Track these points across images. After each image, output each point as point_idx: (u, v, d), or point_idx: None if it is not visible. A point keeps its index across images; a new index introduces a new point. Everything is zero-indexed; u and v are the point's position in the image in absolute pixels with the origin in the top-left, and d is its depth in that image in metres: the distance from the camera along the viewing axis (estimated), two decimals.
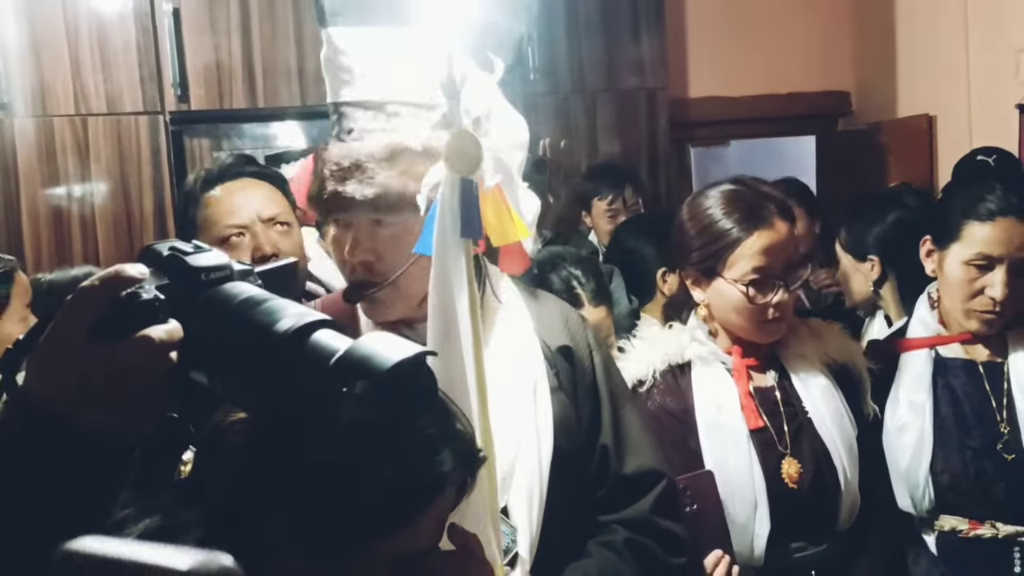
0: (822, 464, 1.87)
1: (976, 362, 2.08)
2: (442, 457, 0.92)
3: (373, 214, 1.43)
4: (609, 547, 1.51)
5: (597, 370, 1.59)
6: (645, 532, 1.54)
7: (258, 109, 4.02)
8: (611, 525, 1.53)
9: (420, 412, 0.83)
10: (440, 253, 1.31)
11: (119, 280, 0.79)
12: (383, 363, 0.75)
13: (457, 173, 1.30)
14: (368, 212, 1.43)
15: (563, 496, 1.45)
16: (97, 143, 3.93)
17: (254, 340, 0.78)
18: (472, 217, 1.30)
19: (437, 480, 0.93)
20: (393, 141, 1.41)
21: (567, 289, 1.98)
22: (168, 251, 0.84)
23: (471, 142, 1.31)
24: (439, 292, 1.32)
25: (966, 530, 2.00)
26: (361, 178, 1.41)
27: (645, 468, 1.58)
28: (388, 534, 0.91)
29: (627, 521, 1.54)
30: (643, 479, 1.57)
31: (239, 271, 0.85)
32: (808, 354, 1.96)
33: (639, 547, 1.52)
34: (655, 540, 1.54)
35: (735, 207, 1.88)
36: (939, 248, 2.10)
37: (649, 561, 1.52)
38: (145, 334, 0.78)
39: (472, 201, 1.30)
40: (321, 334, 0.78)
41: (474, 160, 1.31)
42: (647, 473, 1.58)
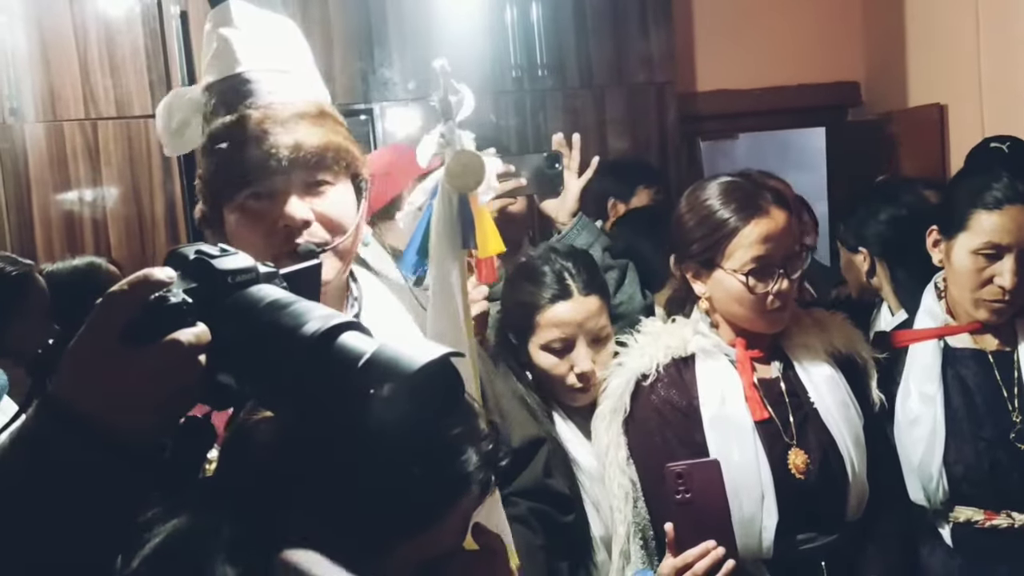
0: (829, 454, 1.86)
1: (986, 352, 2.07)
2: (467, 457, 0.93)
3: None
4: (517, 520, 1.58)
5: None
6: (540, 497, 1.65)
7: None
8: (511, 497, 1.60)
9: (447, 413, 0.83)
10: (440, 264, 1.37)
11: (148, 284, 0.80)
12: (411, 365, 0.75)
13: (460, 190, 1.36)
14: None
15: None
16: (107, 147, 3.96)
17: (281, 343, 0.78)
18: (471, 230, 1.38)
19: (462, 480, 0.93)
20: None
21: (559, 281, 2.00)
22: (195, 254, 0.84)
23: (476, 161, 1.35)
24: (444, 303, 1.36)
25: (982, 520, 2.00)
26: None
27: (530, 437, 1.67)
28: (414, 534, 0.91)
29: (524, 491, 1.63)
30: (529, 447, 1.66)
31: (265, 273, 0.86)
32: (812, 344, 1.96)
33: (541, 513, 1.63)
34: (549, 503, 1.66)
35: (732, 197, 1.88)
36: (946, 238, 2.09)
37: (551, 524, 1.65)
38: (174, 337, 0.78)
39: (470, 215, 1.38)
40: (348, 336, 0.79)
41: (478, 178, 1.36)
42: (532, 441, 1.67)
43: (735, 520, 1.81)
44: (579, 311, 1.99)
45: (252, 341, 0.80)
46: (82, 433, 0.77)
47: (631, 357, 1.94)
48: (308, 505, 0.89)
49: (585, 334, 2.00)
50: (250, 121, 1.37)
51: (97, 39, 3.93)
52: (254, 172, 1.36)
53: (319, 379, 0.77)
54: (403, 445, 0.86)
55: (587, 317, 1.99)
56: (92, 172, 3.96)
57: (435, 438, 0.91)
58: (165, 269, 0.82)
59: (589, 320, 2.00)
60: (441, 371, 0.78)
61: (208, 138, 1.39)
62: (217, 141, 1.37)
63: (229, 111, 1.38)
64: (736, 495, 1.81)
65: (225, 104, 1.40)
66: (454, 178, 1.35)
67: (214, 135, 1.38)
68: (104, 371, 0.78)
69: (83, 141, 3.94)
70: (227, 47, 1.44)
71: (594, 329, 2.01)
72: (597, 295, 2.03)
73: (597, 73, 4.39)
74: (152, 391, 0.78)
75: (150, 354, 0.78)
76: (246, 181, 1.36)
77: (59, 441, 0.78)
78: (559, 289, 2.00)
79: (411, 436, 0.81)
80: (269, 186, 1.37)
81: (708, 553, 1.74)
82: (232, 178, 1.37)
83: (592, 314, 2.00)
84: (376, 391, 0.75)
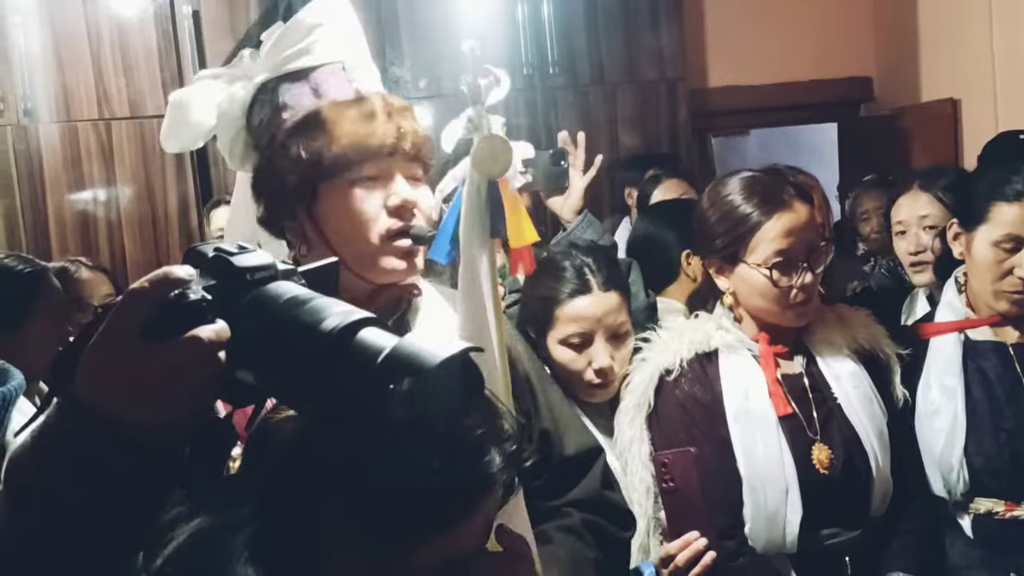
0: (853, 450, 1.86)
1: (1006, 344, 2.06)
2: (491, 457, 0.92)
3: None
4: (569, 531, 1.52)
5: (523, 359, 1.60)
6: (596, 509, 1.56)
7: None
8: (563, 508, 1.54)
9: (467, 408, 0.82)
10: (468, 253, 1.33)
11: (168, 282, 0.80)
12: (430, 360, 0.74)
13: (487, 176, 1.33)
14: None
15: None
16: (121, 146, 3.97)
17: (300, 339, 0.78)
18: (500, 218, 1.34)
19: (486, 480, 0.92)
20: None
21: (579, 276, 2.00)
22: (213, 252, 0.85)
23: (503, 146, 1.33)
24: (471, 293, 1.34)
25: (1002, 512, 1.99)
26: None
27: (585, 446, 1.60)
28: (437, 534, 0.90)
29: (579, 501, 1.55)
30: (585, 457, 1.59)
31: (283, 271, 0.86)
32: (836, 340, 1.96)
33: (595, 526, 1.54)
34: (606, 516, 1.57)
35: (754, 191, 1.88)
36: (966, 230, 2.08)
37: (606, 538, 1.55)
38: (194, 334, 0.78)
39: (499, 201, 1.34)
40: (367, 332, 0.78)
41: (506, 163, 1.33)
42: (588, 451, 1.60)
43: (760, 515, 1.82)
44: (598, 306, 1.99)
45: (271, 337, 0.80)
46: (102, 430, 0.77)
47: (655, 352, 1.95)
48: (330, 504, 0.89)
49: (604, 330, 1.99)
50: (373, 103, 1.41)
51: (110, 39, 3.94)
52: (373, 152, 1.39)
53: (338, 375, 0.77)
54: (425, 443, 0.86)
55: (606, 312, 1.99)
56: (106, 172, 3.98)
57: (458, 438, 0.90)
58: (185, 267, 0.82)
59: (608, 316, 1.99)
60: (461, 366, 0.78)
61: (310, 115, 1.41)
62: (328, 118, 1.40)
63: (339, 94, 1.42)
64: (760, 489, 1.82)
65: (324, 87, 1.43)
66: (480, 163, 1.32)
67: (324, 113, 1.41)
68: (124, 368, 0.78)
69: (97, 141, 3.96)
70: (329, 37, 1.47)
71: (613, 325, 2.00)
72: (617, 291, 2.02)
73: (608, 70, 4.39)
74: (172, 387, 0.79)
75: (170, 350, 0.78)
76: (363, 160, 1.39)
77: (79, 438, 0.78)
78: (579, 284, 1.99)
79: (432, 432, 0.81)
80: (384, 168, 1.41)
81: (689, 545, 1.78)
82: (347, 155, 1.39)
83: (611, 310, 2.00)
84: (396, 387, 0.75)
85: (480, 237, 1.33)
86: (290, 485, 0.91)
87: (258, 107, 1.49)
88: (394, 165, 1.41)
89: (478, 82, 1.34)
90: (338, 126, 1.39)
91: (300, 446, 0.91)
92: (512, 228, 1.36)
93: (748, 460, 1.83)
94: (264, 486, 0.92)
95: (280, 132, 1.43)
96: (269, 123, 1.45)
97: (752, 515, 1.83)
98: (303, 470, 0.90)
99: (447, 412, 0.78)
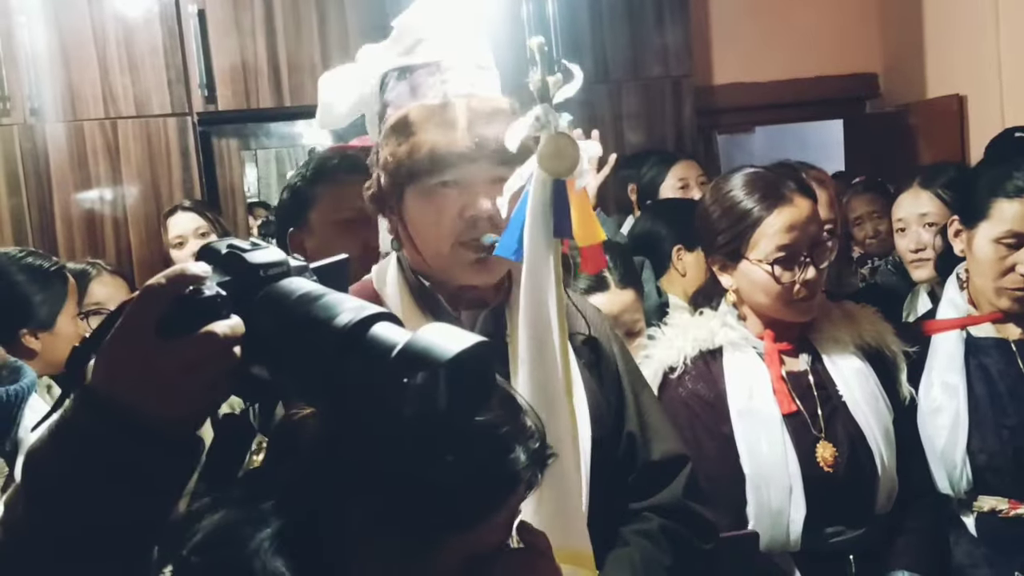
0: (857, 448, 1.86)
1: (1008, 340, 2.06)
2: (515, 455, 0.93)
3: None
4: (646, 535, 1.50)
5: (618, 359, 1.59)
6: (678, 517, 1.54)
7: (284, 108, 4.05)
8: (643, 513, 1.53)
9: (481, 402, 0.83)
10: (532, 252, 1.33)
11: (183, 278, 0.81)
12: (444, 354, 0.75)
13: (553, 175, 1.32)
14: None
15: (598, 486, 1.45)
16: (127, 146, 3.98)
17: (314, 335, 0.79)
18: (565, 217, 1.33)
19: (511, 478, 0.93)
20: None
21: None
22: (227, 248, 0.86)
23: (569, 144, 1.32)
24: (533, 292, 1.34)
25: (1006, 510, 1.99)
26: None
27: (672, 453, 1.57)
28: (461, 532, 0.91)
29: (660, 507, 1.54)
30: (670, 464, 1.57)
31: (296, 267, 0.87)
32: (841, 337, 1.96)
33: (674, 533, 1.52)
34: (687, 525, 1.54)
35: (755, 187, 1.88)
36: (967, 227, 2.08)
37: (683, 547, 1.52)
38: (209, 329, 0.80)
39: (564, 201, 1.33)
40: (380, 327, 0.79)
41: (572, 162, 1.32)
42: (674, 458, 1.58)
43: (764, 513, 1.81)
44: (615, 303, 1.99)
45: (285, 333, 0.81)
46: (120, 423, 0.79)
47: (659, 349, 1.94)
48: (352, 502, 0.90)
49: (619, 327, 1.98)
50: (455, 109, 1.41)
51: (116, 38, 3.94)
52: (452, 159, 1.40)
53: (352, 370, 0.77)
54: (446, 439, 0.86)
55: (623, 310, 1.99)
56: (112, 171, 3.98)
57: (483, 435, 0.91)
58: (200, 263, 0.84)
59: (624, 313, 1.99)
60: (475, 360, 0.78)
61: (400, 118, 1.43)
62: (412, 122, 1.41)
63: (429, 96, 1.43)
64: (764, 487, 1.81)
65: (421, 88, 1.45)
66: (546, 161, 1.31)
67: (410, 117, 1.42)
68: (141, 363, 0.79)
69: (103, 140, 3.96)
70: (428, 34, 1.47)
71: (628, 322, 2.00)
72: (633, 288, 2.02)
73: (613, 67, 4.38)
74: (187, 382, 0.80)
75: (186, 346, 0.79)
76: (442, 167, 1.40)
77: (97, 430, 0.79)
78: (595, 281, 2.00)
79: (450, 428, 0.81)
80: (463, 175, 1.41)
81: None
82: (426, 161, 1.40)
83: (627, 307, 2.00)
84: (410, 381, 0.75)
85: (545, 236, 1.32)
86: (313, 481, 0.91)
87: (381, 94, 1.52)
88: (475, 171, 1.42)
89: (546, 79, 1.32)
90: (420, 132, 1.41)
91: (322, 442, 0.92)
92: (579, 227, 1.35)
93: (752, 458, 1.83)
94: (287, 481, 0.93)
95: (381, 131, 1.47)
96: (380, 116, 1.50)
97: (756, 513, 1.83)
98: (328, 466, 0.91)
99: (462, 406, 0.78)
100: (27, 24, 3.87)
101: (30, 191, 3.91)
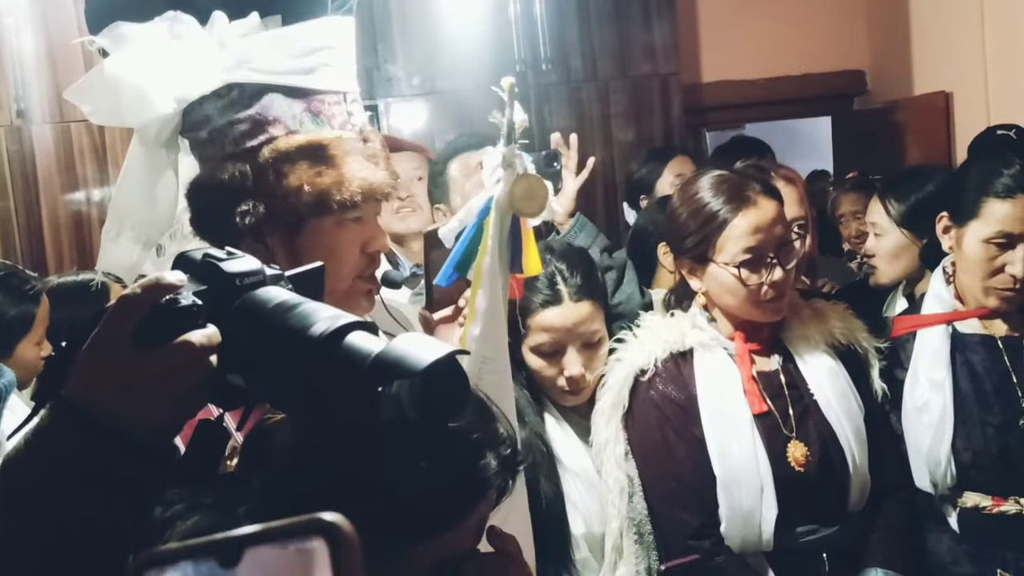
0: (829, 446, 1.87)
1: (995, 337, 2.06)
2: (487, 461, 0.93)
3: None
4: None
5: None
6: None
7: None
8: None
9: (455, 411, 0.83)
10: (491, 285, 1.38)
11: (159, 287, 0.81)
12: (417, 363, 0.75)
13: (524, 215, 1.36)
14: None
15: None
16: (114, 147, 3.97)
17: (289, 344, 0.79)
18: (519, 252, 1.41)
19: (482, 484, 0.94)
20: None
21: (550, 285, 1.92)
22: (202, 257, 0.86)
23: (539, 185, 1.35)
24: (492, 322, 1.38)
25: (990, 506, 1.99)
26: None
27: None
28: (431, 536, 0.92)
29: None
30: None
31: (271, 275, 0.87)
32: (812, 336, 1.96)
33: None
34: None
35: (720, 189, 1.88)
36: (956, 225, 2.08)
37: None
38: (186, 338, 0.80)
39: (520, 238, 1.39)
40: (355, 336, 0.79)
41: (542, 202, 1.35)
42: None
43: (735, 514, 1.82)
44: (569, 317, 1.92)
45: (261, 342, 0.81)
46: (96, 431, 0.79)
47: (630, 352, 1.93)
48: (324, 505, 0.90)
49: (575, 339, 1.93)
50: (376, 146, 1.41)
51: None
52: (376, 196, 1.39)
53: (327, 378, 0.78)
54: (418, 446, 0.87)
55: (577, 323, 1.92)
56: (99, 173, 3.98)
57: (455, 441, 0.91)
58: (176, 272, 0.84)
59: (580, 326, 1.92)
60: (448, 370, 0.78)
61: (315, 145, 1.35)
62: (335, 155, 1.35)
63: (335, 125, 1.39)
64: (735, 489, 1.82)
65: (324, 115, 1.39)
66: (519, 203, 1.33)
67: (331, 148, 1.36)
68: (118, 371, 0.79)
69: (90, 142, 3.96)
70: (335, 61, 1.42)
71: (585, 334, 1.94)
72: (590, 300, 1.94)
73: (601, 66, 4.38)
74: (164, 390, 0.80)
75: (162, 354, 0.79)
76: (368, 203, 1.38)
77: (73, 438, 0.79)
78: (550, 294, 1.92)
79: (423, 435, 0.82)
80: (370, 211, 1.41)
81: None
82: (356, 196, 1.35)
83: (582, 320, 1.92)
84: (384, 390, 0.76)
85: (503, 270, 1.39)
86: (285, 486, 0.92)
87: (220, 105, 1.38)
88: (377, 208, 1.44)
89: (513, 120, 1.35)
90: (345, 166, 1.35)
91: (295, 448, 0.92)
92: (526, 261, 1.43)
93: (723, 459, 1.83)
94: (260, 487, 0.93)
95: (268, 150, 1.35)
96: (245, 133, 1.36)
97: (727, 514, 1.83)
98: (299, 472, 0.91)
99: (434, 415, 0.79)
100: (14, 26, 3.86)
101: (17, 193, 3.90)
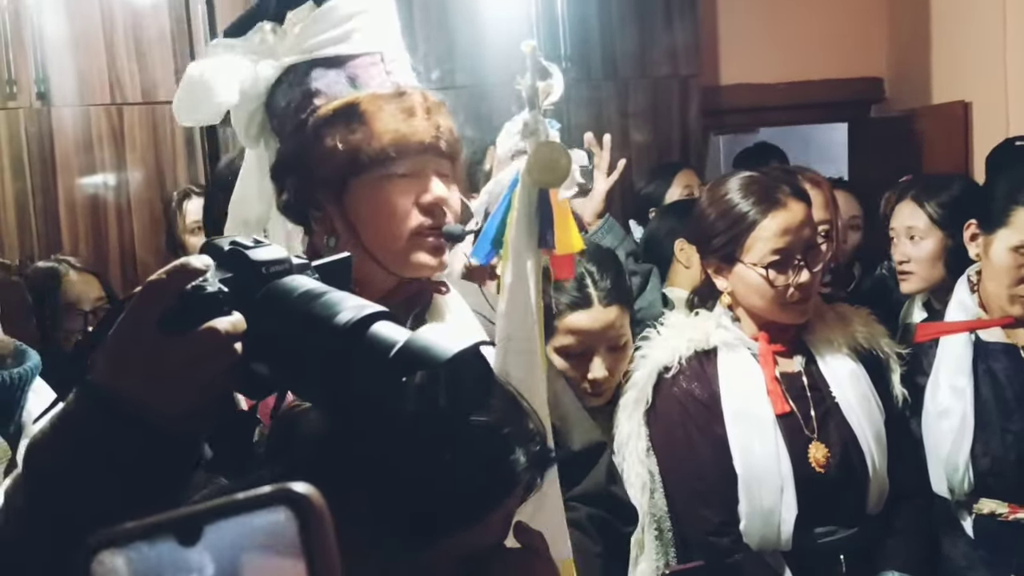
0: (849, 449, 1.88)
1: (1017, 346, 2.07)
2: (516, 457, 0.93)
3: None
4: (575, 525, 1.51)
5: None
6: (602, 503, 1.56)
7: None
8: (569, 503, 1.53)
9: (479, 401, 0.83)
10: (517, 259, 1.31)
11: (185, 273, 0.81)
12: (442, 354, 0.75)
13: (542, 186, 1.28)
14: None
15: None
16: (132, 132, 3.97)
17: (314, 333, 0.79)
18: (549, 227, 1.30)
19: (510, 479, 0.93)
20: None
21: (579, 287, 1.92)
22: (229, 245, 0.86)
23: (562, 154, 1.27)
24: (517, 298, 1.31)
25: (1006, 513, 2.00)
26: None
27: (591, 441, 1.58)
28: (458, 531, 0.91)
29: (584, 496, 1.55)
30: (591, 452, 1.58)
31: (298, 264, 0.87)
32: (835, 339, 1.97)
33: (600, 521, 1.54)
34: (610, 511, 1.57)
35: (750, 191, 1.90)
36: (985, 232, 2.08)
37: (611, 533, 1.55)
38: (211, 325, 0.80)
39: (549, 211, 1.30)
40: (380, 326, 0.79)
41: (563, 173, 1.28)
42: (594, 446, 1.59)
43: (755, 512, 1.83)
44: (597, 321, 1.93)
45: (286, 330, 0.81)
46: (121, 417, 0.79)
47: (654, 349, 1.95)
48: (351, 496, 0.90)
49: (602, 343, 1.95)
50: (412, 99, 1.38)
51: (124, 24, 3.94)
52: (412, 149, 1.37)
53: (352, 368, 0.78)
54: (445, 438, 0.87)
55: (605, 327, 1.93)
56: (116, 157, 3.98)
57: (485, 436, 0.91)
58: (202, 257, 0.83)
59: (608, 331, 1.94)
60: (472, 361, 0.78)
61: (347, 106, 1.36)
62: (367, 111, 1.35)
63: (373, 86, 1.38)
64: (756, 487, 1.83)
65: (362, 78, 1.40)
66: (538, 173, 1.26)
67: (363, 106, 1.36)
68: (143, 358, 0.79)
69: (108, 126, 3.96)
70: (369, 25, 1.42)
71: (612, 338, 1.95)
72: (618, 304, 1.95)
73: (621, 65, 4.38)
74: (189, 377, 0.80)
75: (187, 341, 0.79)
76: (403, 156, 1.36)
77: (99, 423, 0.79)
78: (579, 297, 1.93)
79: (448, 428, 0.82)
80: (418, 165, 1.38)
81: None
82: (388, 150, 1.35)
83: (610, 324, 1.93)
84: (408, 380, 0.76)
85: (529, 245, 1.30)
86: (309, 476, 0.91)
87: (284, 88, 1.44)
88: (428, 162, 1.40)
89: (536, 84, 1.28)
90: (378, 120, 1.36)
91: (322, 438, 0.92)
92: (559, 237, 1.32)
93: (744, 458, 1.84)
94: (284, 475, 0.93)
95: (312, 119, 1.38)
96: (297, 108, 1.41)
97: (747, 512, 1.84)
98: (325, 462, 0.90)
99: (460, 405, 0.79)
100: (35, 8, 3.86)
101: (34, 175, 3.90)
